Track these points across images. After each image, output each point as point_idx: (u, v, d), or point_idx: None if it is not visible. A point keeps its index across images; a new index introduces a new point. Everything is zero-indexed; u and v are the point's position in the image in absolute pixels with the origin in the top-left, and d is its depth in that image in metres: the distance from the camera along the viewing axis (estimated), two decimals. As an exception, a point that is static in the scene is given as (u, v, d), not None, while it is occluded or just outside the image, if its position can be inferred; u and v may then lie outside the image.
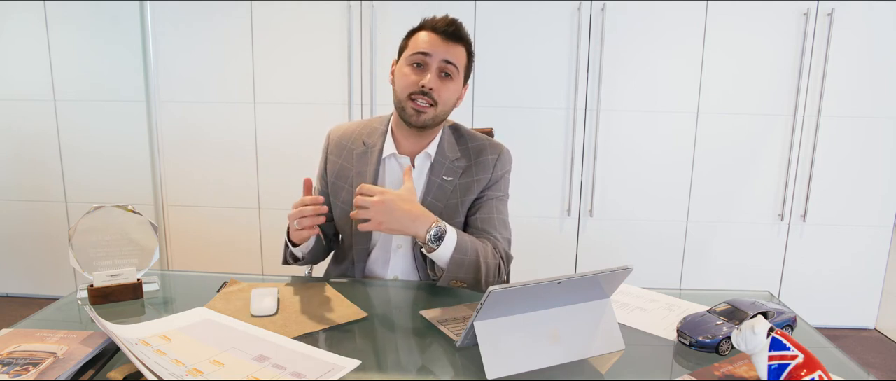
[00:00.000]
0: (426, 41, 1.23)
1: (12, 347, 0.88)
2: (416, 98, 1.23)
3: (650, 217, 2.58)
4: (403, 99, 1.25)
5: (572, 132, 2.52)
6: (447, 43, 1.23)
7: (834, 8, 2.34)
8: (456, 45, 1.24)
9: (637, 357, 0.94)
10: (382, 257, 1.35)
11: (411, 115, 1.24)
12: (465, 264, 1.16)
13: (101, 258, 1.15)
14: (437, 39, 1.23)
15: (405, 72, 1.25)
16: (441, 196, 1.30)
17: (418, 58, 1.23)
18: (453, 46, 1.24)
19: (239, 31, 2.52)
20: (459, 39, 1.25)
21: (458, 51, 1.25)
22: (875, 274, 2.58)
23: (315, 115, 2.56)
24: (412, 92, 1.23)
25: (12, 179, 2.75)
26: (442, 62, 1.23)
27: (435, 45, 1.23)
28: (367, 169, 1.32)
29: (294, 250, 1.30)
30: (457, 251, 1.15)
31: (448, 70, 1.24)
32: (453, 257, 1.15)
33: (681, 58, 2.44)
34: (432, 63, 1.23)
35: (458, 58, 1.25)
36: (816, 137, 2.46)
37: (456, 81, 1.26)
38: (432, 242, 1.13)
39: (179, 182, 2.68)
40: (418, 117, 1.24)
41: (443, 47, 1.23)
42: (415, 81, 1.23)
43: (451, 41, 1.23)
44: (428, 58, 1.23)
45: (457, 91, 1.28)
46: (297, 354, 0.89)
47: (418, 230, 1.13)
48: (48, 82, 2.63)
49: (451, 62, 1.24)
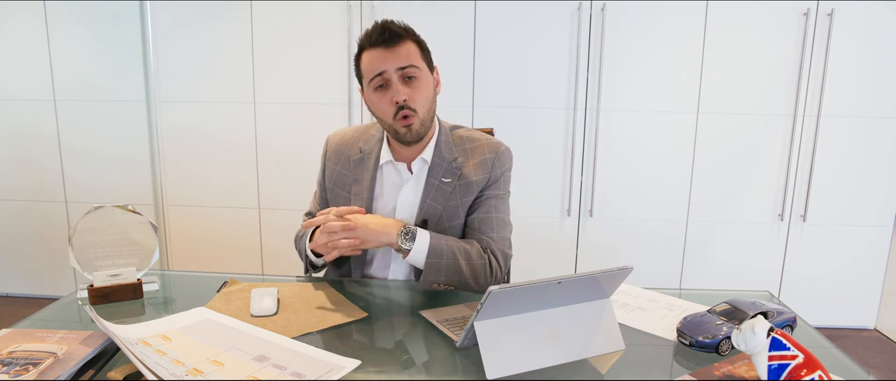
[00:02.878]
0: (373, 60, 1.21)
1: (12, 347, 0.88)
2: (398, 116, 1.22)
3: (650, 217, 2.58)
4: (390, 122, 1.24)
5: (572, 132, 2.52)
6: (390, 49, 1.20)
7: (834, 8, 2.34)
8: (399, 45, 1.21)
9: (637, 357, 0.94)
10: (383, 261, 1.35)
11: (404, 133, 1.24)
12: (442, 268, 1.18)
13: (101, 258, 1.15)
14: (379, 53, 1.20)
15: (375, 99, 1.24)
16: (440, 198, 1.30)
17: (377, 80, 1.22)
18: (398, 49, 1.21)
19: (239, 31, 2.52)
20: (399, 38, 1.21)
21: (405, 49, 1.22)
22: (875, 274, 2.58)
23: (315, 115, 2.56)
24: (393, 113, 1.22)
25: (12, 179, 2.75)
26: (398, 71, 1.21)
27: (383, 59, 1.20)
28: (364, 176, 1.32)
29: (316, 260, 1.30)
30: (431, 256, 1.18)
31: (409, 73, 1.22)
32: (427, 261, 1.17)
33: (681, 58, 2.44)
34: (391, 77, 1.21)
35: (410, 55, 1.22)
36: (816, 137, 2.45)
37: (422, 77, 1.24)
38: (404, 243, 1.17)
39: (179, 182, 2.68)
40: (410, 131, 1.24)
41: (390, 57, 1.20)
42: (388, 101, 1.22)
43: (392, 46, 1.20)
44: (384, 75, 1.21)
45: (428, 84, 1.26)
46: (297, 354, 0.89)
47: (391, 237, 1.17)
48: (48, 82, 2.63)
49: (406, 66, 1.21)
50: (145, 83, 2.59)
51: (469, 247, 1.23)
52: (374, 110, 1.27)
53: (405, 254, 1.18)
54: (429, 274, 1.18)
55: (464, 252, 1.21)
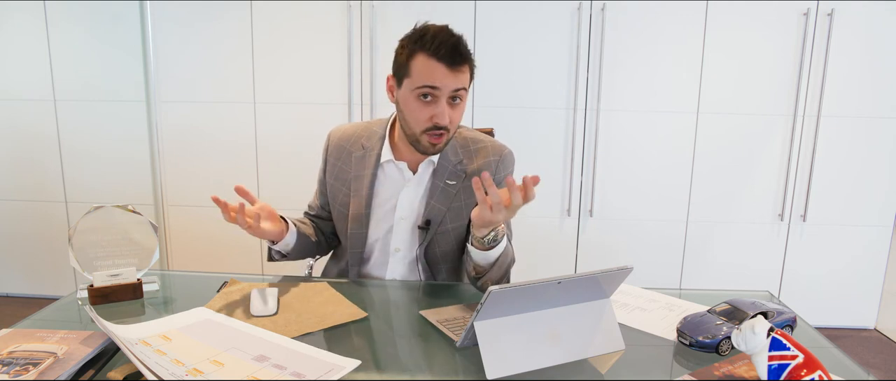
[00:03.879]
0: (433, 74, 1.15)
1: (12, 347, 0.88)
2: (432, 132, 1.19)
3: (650, 217, 2.58)
4: (418, 133, 1.20)
5: (572, 132, 2.52)
6: (452, 70, 1.15)
7: (834, 8, 2.34)
8: (463, 68, 1.17)
9: (637, 357, 0.94)
10: (381, 260, 1.35)
11: (427, 148, 1.22)
12: (503, 266, 1.17)
13: (101, 258, 1.15)
14: (443, 70, 1.14)
15: (413, 106, 1.19)
16: (444, 200, 1.29)
17: (425, 90, 1.16)
18: (459, 72, 1.16)
19: (239, 31, 2.52)
20: (464, 61, 1.16)
21: (465, 74, 1.18)
22: (875, 274, 2.58)
23: (315, 115, 2.56)
24: (427, 128, 1.19)
25: (12, 179, 2.75)
26: (452, 91, 1.17)
27: (443, 77, 1.15)
28: (364, 173, 1.32)
29: (273, 247, 1.30)
30: (502, 253, 1.15)
31: (459, 96, 1.19)
32: (498, 260, 1.14)
33: (681, 58, 2.44)
34: (442, 96, 1.16)
35: (465, 80, 1.19)
36: (816, 137, 2.45)
37: (465, 99, 1.22)
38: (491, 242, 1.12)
39: (179, 182, 2.68)
40: (434, 149, 1.22)
41: (451, 78, 1.15)
42: (428, 116, 1.18)
43: (455, 67, 1.15)
44: (437, 91, 1.16)
45: (465, 104, 1.25)
46: (297, 354, 0.89)
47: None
48: (48, 82, 2.63)
49: (459, 89, 1.17)
50: (145, 83, 2.59)
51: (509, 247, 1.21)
52: (406, 114, 1.21)
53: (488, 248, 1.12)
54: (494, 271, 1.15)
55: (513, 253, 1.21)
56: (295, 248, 1.32)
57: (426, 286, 1.25)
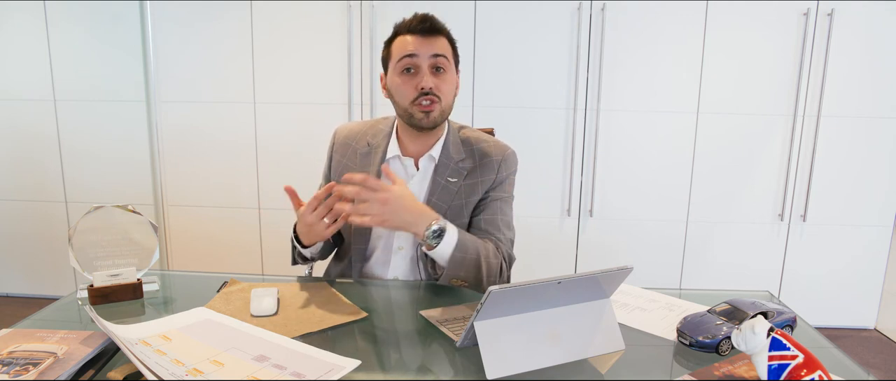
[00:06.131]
0: (408, 43, 1.23)
1: (12, 347, 0.88)
2: (420, 100, 1.23)
3: (650, 217, 2.58)
4: (408, 106, 1.25)
5: (572, 132, 2.52)
6: (428, 38, 1.23)
7: (834, 8, 2.34)
8: (437, 37, 1.24)
9: (637, 357, 0.94)
10: (383, 258, 1.35)
11: (421, 118, 1.24)
12: (465, 263, 1.16)
13: (101, 258, 1.15)
14: (417, 39, 1.23)
15: (398, 82, 1.25)
16: (445, 197, 1.30)
17: (406, 62, 1.23)
18: (435, 40, 1.24)
19: (239, 31, 2.52)
20: (438, 31, 1.25)
21: (441, 42, 1.25)
22: (875, 274, 2.58)
23: (315, 115, 2.56)
24: (414, 98, 1.23)
25: (12, 179, 2.75)
26: (431, 58, 1.23)
27: (418, 45, 1.23)
28: (370, 169, 1.32)
29: (303, 251, 1.30)
30: (457, 250, 1.15)
31: (439, 64, 1.24)
32: (453, 255, 1.15)
33: (681, 58, 2.44)
34: (422, 63, 1.23)
35: (444, 48, 1.25)
36: (816, 137, 2.46)
37: (449, 71, 1.27)
38: (431, 239, 1.13)
39: (179, 182, 2.68)
40: (428, 118, 1.24)
41: (426, 44, 1.23)
42: (413, 85, 1.23)
43: (431, 36, 1.23)
44: (416, 59, 1.23)
45: (453, 80, 1.28)
46: (297, 354, 0.89)
47: (419, 227, 1.13)
48: (48, 82, 2.63)
49: (439, 55, 1.24)
50: (145, 83, 2.59)
51: (487, 245, 1.22)
52: (394, 93, 1.27)
53: (429, 248, 1.14)
54: (451, 269, 1.15)
55: (485, 250, 1.20)
56: (320, 250, 1.33)
57: (426, 286, 1.25)
